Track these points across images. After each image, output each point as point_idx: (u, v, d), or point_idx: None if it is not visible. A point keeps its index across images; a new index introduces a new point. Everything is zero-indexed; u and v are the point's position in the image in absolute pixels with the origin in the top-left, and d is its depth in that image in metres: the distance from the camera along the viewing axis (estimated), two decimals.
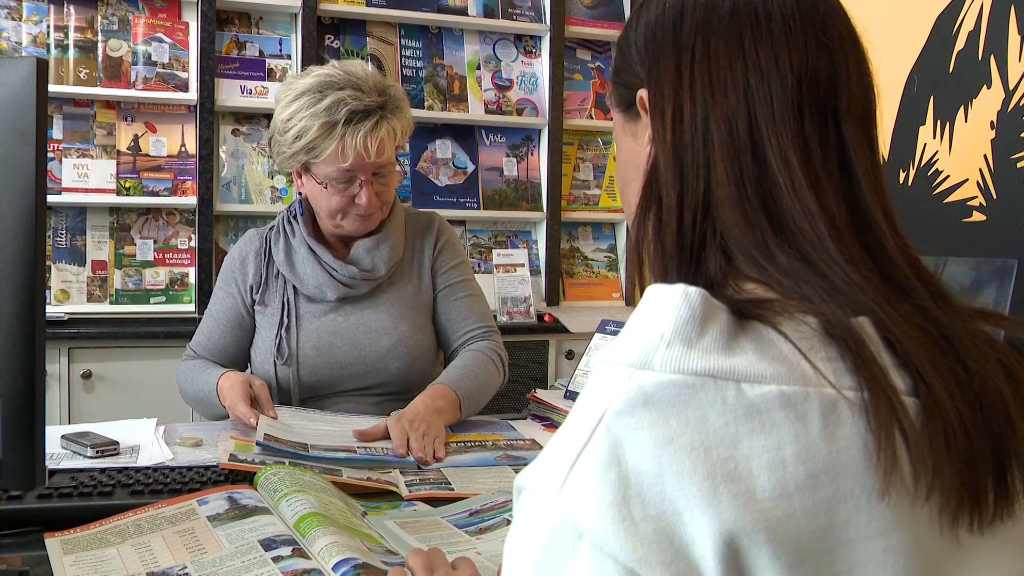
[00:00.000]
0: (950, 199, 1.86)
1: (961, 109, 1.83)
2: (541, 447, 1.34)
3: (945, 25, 1.88)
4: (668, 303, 0.50)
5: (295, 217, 1.61)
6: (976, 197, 1.80)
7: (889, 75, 1.95)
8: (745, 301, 0.53)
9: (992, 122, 1.76)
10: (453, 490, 1.16)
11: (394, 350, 1.57)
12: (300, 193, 1.60)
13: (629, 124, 0.66)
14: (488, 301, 1.73)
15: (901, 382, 0.50)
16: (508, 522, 1.03)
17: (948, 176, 1.87)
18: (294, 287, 1.58)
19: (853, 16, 0.62)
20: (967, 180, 1.82)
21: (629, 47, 0.65)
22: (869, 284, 0.53)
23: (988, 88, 1.78)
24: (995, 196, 1.76)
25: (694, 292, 0.50)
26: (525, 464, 1.36)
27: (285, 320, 1.56)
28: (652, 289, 0.52)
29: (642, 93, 0.62)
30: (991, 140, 1.76)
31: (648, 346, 0.49)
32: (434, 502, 1.12)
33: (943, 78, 1.88)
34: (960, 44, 1.84)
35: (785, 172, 0.55)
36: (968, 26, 1.82)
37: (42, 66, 0.79)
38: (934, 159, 1.91)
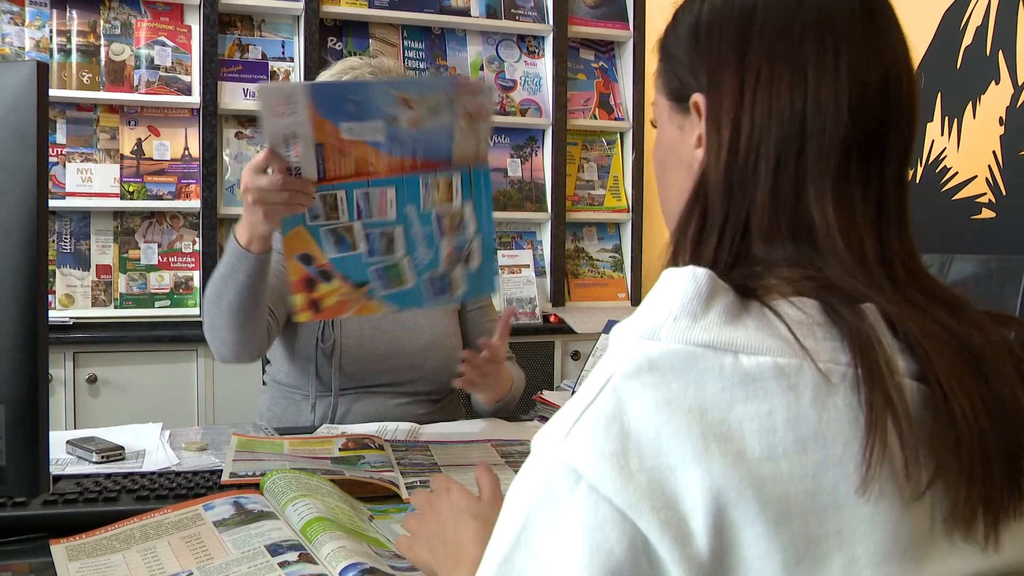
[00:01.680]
0: (958, 196, 1.85)
1: (969, 105, 1.82)
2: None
3: (952, 21, 1.86)
4: (678, 283, 0.54)
5: None
6: (985, 194, 1.79)
7: None
8: (751, 284, 0.56)
9: (1001, 118, 1.75)
10: None
11: (431, 349, 1.60)
12: None
13: (676, 115, 0.67)
14: (494, 302, 1.76)
15: (903, 365, 0.52)
16: None
17: (956, 173, 1.86)
18: None
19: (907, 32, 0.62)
20: (975, 177, 1.80)
21: (685, 38, 0.65)
22: (887, 298, 0.55)
23: (996, 84, 1.76)
24: (1004, 193, 1.74)
25: (701, 273, 0.54)
26: (516, 450, 1.37)
27: None
28: (666, 271, 0.56)
29: (698, 99, 0.63)
30: (1000, 136, 1.75)
31: (658, 320, 0.53)
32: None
33: (951, 74, 1.87)
34: (968, 39, 1.83)
35: (820, 211, 0.57)
36: (976, 21, 1.81)
37: (43, 70, 0.79)
38: (942, 156, 1.89)
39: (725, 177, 0.60)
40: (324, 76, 1.59)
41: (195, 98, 2.70)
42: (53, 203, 2.58)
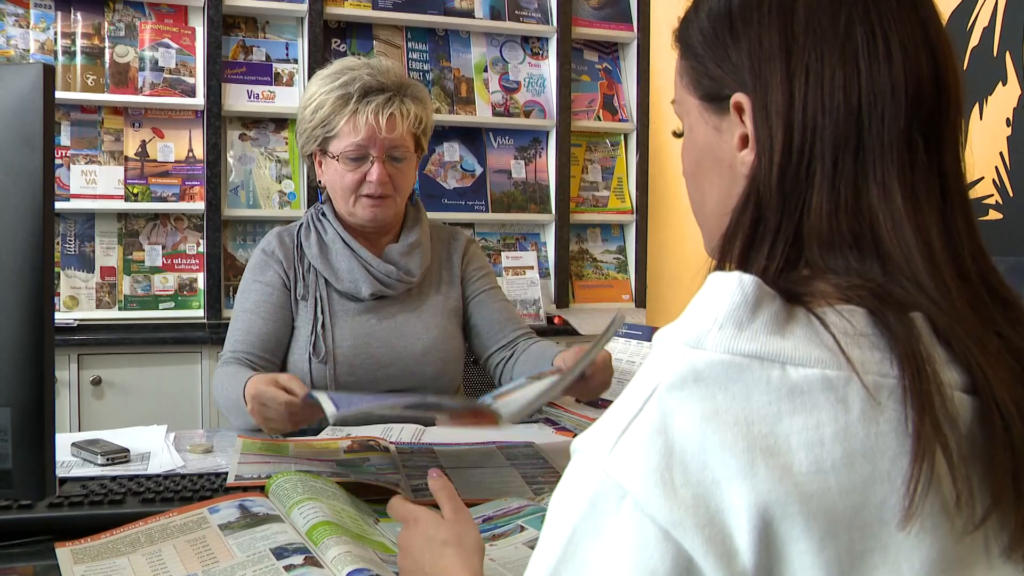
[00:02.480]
0: None
1: (976, 106, 1.81)
2: (536, 448, 1.36)
3: (959, 22, 1.86)
4: (724, 289, 0.52)
5: (323, 214, 1.61)
6: (992, 195, 1.78)
7: None
8: (798, 290, 0.54)
9: (1008, 119, 1.74)
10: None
11: (428, 354, 1.58)
12: (320, 183, 1.62)
13: (711, 116, 0.63)
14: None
15: (952, 376, 0.51)
16: (522, 528, 1.02)
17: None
18: (326, 284, 1.57)
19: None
20: (983, 178, 1.80)
21: (716, 33, 0.61)
22: (950, 304, 0.53)
23: (1004, 85, 1.76)
24: (1011, 194, 1.74)
25: (748, 279, 0.52)
26: (521, 452, 1.37)
27: (320, 317, 1.55)
28: (712, 276, 0.55)
29: (741, 99, 0.60)
30: (1007, 137, 1.74)
31: (702, 328, 0.51)
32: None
33: None
34: (975, 40, 1.82)
35: (886, 204, 0.55)
36: (983, 22, 1.80)
37: (48, 72, 0.79)
38: None
39: (779, 182, 0.57)
40: (321, 74, 1.58)
41: (199, 100, 2.70)
42: (57, 205, 2.58)
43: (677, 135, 0.69)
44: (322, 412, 1.14)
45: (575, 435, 0.71)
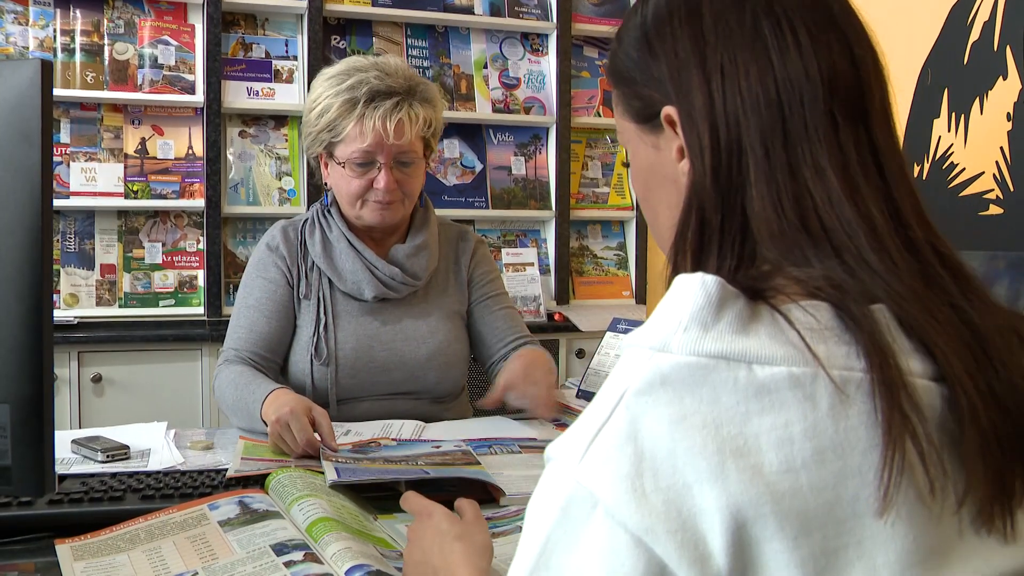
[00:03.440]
0: (965, 192, 1.84)
1: (976, 101, 1.81)
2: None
3: (959, 16, 1.85)
4: (688, 291, 0.53)
5: (328, 212, 1.58)
6: (993, 190, 1.77)
7: (902, 68, 1.93)
8: (760, 286, 0.54)
9: (1008, 114, 1.74)
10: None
11: (433, 359, 1.55)
12: (326, 184, 1.58)
13: (648, 136, 0.65)
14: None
15: (919, 366, 0.51)
16: (520, 529, 1.02)
17: (964, 169, 1.85)
18: (329, 283, 1.55)
19: (857, 5, 0.62)
20: (983, 173, 1.79)
21: (637, 56, 0.64)
22: (904, 286, 0.54)
23: (1004, 79, 1.75)
24: (1012, 189, 1.73)
25: (711, 280, 0.52)
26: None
27: (323, 317, 1.52)
28: (677, 279, 0.55)
29: (669, 110, 0.61)
30: (1008, 132, 1.74)
31: (668, 331, 0.52)
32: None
33: (958, 70, 1.86)
34: (975, 35, 1.82)
35: (821, 185, 0.56)
36: (983, 16, 1.80)
37: (47, 68, 0.78)
38: (949, 152, 1.88)
39: (714, 180, 0.58)
40: (328, 74, 1.53)
41: (199, 97, 2.70)
42: (57, 203, 2.58)
43: (626, 165, 0.71)
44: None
45: None
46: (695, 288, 0.52)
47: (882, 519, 0.48)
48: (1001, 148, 1.75)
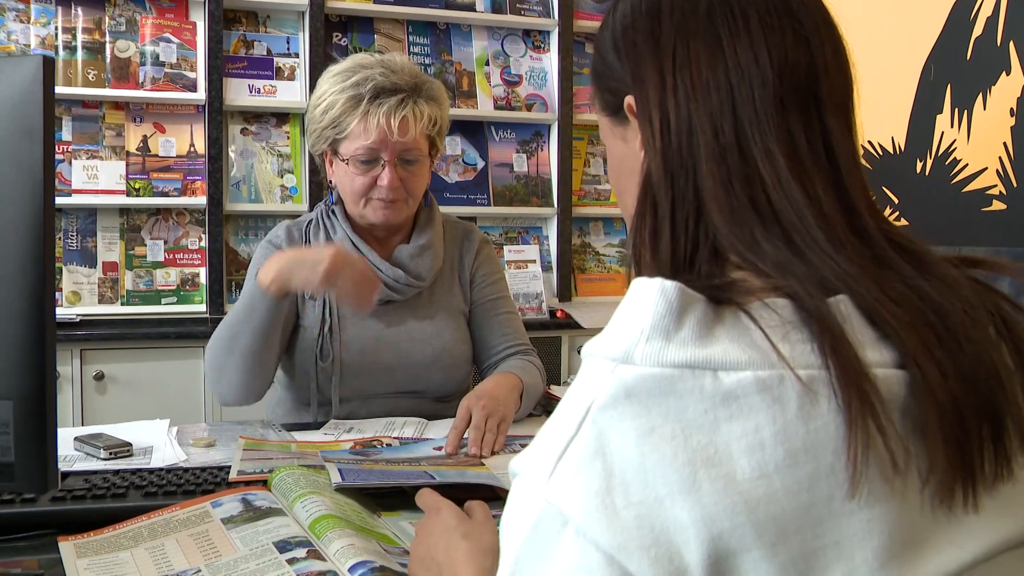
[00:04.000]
0: (968, 188, 1.83)
1: (979, 96, 1.81)
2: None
3: (962, 11, 1.85)
4: (647, 298, 0.52)
5: (332, 212, 1.57)
6: (996, 186, 1.77)
7: (905, 63, 1.92)
8: (719, 285, 0.54)
9: (1012, 109, 1.74)
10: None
11: (438, 360, 1.54)
12: (331, 182, 1.58)
13: (618, 128, 0.67)
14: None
15: (882, 356, 0.51)
16: None
17: (967, 165, 1.84)
18: None
19: (827, 1, 0.63)
20: (986, 169, 1.79)
21: (607, 51, 0.66)
22: (855, 266, 0.54)
23: (1007, 75, 1.75)
24: (1015, 184, 1.73)
25: (670, 286, 0.51)
26: (522, 446, 1.35)
27: (328, 319, 1.51)
28: (635, 283, 0.54)
29: (629, 100, 0.63)
30: (1011, 127, 1.74)
31: (629, 341, 0.51)
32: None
33: (960, 65, 1.85)
34: (978, 30, 1.81)
35: (770, 167, 0.56)
36: (986, 11, 1.79)
37: (48, 64, 0.78)
38: (952, 148, 1.88)
39: (663, 163, 0.59)
40: (333, 71, 1.52)
41: (200, 94, 2.70)
42: (59, 200, 2.59)
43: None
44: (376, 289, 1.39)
45: None
46: (654, 295, 0.51)
47: (853, 500, 0.47)
48: (1004, 143, 1.75)
